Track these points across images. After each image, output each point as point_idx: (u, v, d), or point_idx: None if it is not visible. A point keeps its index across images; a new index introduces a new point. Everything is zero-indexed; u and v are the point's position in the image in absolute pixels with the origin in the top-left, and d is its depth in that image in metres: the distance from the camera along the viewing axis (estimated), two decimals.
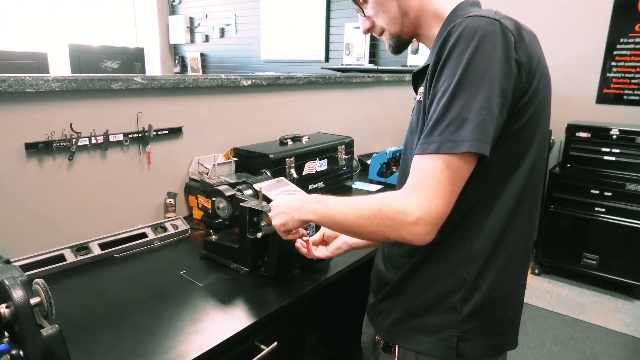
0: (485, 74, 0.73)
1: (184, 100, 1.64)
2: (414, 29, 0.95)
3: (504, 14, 0.78)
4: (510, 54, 0.74)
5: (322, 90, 2.32)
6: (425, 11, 0.92)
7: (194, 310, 1.06)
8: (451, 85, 0.74)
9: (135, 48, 4.96)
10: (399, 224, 0.76)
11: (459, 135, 0.73)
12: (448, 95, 0.74)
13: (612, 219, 2.98)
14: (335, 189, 2.01)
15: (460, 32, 0.75)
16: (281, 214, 1.02)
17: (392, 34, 0.97)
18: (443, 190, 0.74)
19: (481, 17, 0.75)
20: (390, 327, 0.94)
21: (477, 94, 0.73)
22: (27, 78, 1.19)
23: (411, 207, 0.75)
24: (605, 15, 3.23)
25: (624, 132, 2.96)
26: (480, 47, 0.73)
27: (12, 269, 0.84)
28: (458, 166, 0.74)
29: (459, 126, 0.73)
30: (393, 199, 0.78)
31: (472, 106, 0.73)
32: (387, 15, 0.95)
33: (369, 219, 0.81)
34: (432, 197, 0.74)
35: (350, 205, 0.86)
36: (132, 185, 1.52)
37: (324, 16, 4.79)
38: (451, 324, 0.86)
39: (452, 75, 0.74)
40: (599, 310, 2.87)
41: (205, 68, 6.02)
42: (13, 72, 1.35)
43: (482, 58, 0.73)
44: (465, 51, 0.74)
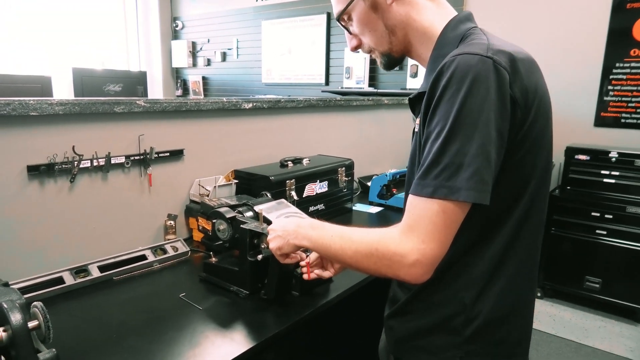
0: (479, 117, 0.72)
1: (186, 123, 1.65)
2: (404, 46, 0.94)
3: (497, 46, 0.76)
4: (504, 92, 0.73)
5: (323, 113, 2.34)
6: (413, 29, 0.91)
7: (193, 334, 1.04)
8: (445, 128, 0.73)
9: (138, 72, 5.02)
10: (395, 265, 0.78)
11: (455, 182, 0.72)
12: (442, 138, 0.73)
13: (614, 242, 2.96)
14: (335, 211, 2.01)
15: (452, 72, 0.74)
16: (277, 238, 1.03)
17: (382, 52, 0.95)
18: (439, 234, 0.75)
19: (473, 55, 0.73)
20: (397, 343, 0.96)
21: (471, 139, 0.72)
22: (31, 101, 1.20)
23: (407, 250, 0.76)
24: (600, 40, 3.29)
25: (623, 154, 2.98)
26: (474, 89, 0.72)
27: (10, 292, 0.83)
28: (453, 211, 0.74)
29: (453, 172, 0.73)
30: (389, 239, 0.79)
31: (467, 152, 0.72)
32: (375, 35, 0.93)
33: (365, 257, 0.82)
34: (428, 241, 0.75)
35: (347, 239, 0.87)
36: (132, 207, 1.52)
37: (324, 40, 4.87)
38: (454, 345, 0.87)
39: (446, 118, 0.73)
40: (603, 335, 2.83)
41: (206, 91, 6.10)
42: (17, 95, 1.37)
43: (475, 101, 0.72)
44: (457, 93, 0.72)
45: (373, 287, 1.42)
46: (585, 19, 3.35)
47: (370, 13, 0.91)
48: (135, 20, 6.21)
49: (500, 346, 0.88)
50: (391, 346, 0.99)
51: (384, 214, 2.08)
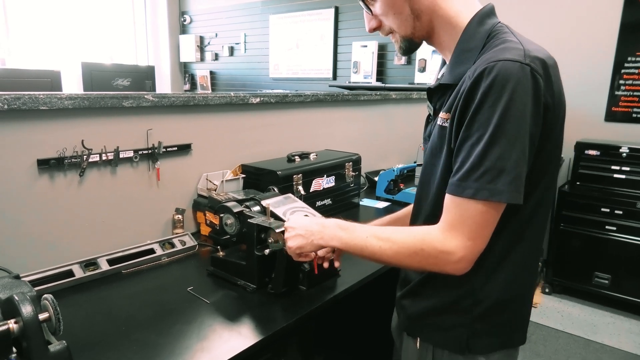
0: (520, 124, 0.76)
1: (194, 117, 1.66)
2: (426, 32, 0.94)
3: (532, 52, 0.78)
4: (539, 99, 0.77)
5: (330, 107, 2.33)
6: (439, 16, 0.90)
7: (201, 328, 1.05)
8: (487, 133, 0.76)
9: (146, 66, 5.04)
10: (442, 262, 0.83)
11: (497, 185, 0.77)
12: (484, 143, 0.77)
13: (624, 238, 2.93)
14: (342, 206, 2.01)
15: (494, 78, 0.76)
16: (298, 237, 1.01)
17: (403, 35, 0.94)
18: (482, 231, 0.81)
19: (512, 62, 0.76)
20: (409, 321, 1.02)
21: (513, 146, 0.76)
22: (41, 96, 1.21)
23: (453, 248, 0.81)
24: (612, 34, 3.24)
25: (634, 150, 2.94)
26: (515, 96, 0.75)
27: (21, 285, 0.84)
28: (495, 210, 0.80)
29: (495, 176, 0.77)
30: (434, 239, 0.83)
31: (509, 157, 0.76)
32: (399, 17, 0.92)
33: (409, 256, 0.86)
34: (473, 239, 0.80)
35: (386, 240, 0.89)
36: (141, 201, 1.53)
37: (332, 35, 4.85)
38: (462, 324, 0.93)
39: (488, 124, 0.76)
40: (612, 331, 2.81)
41: (214, 86, 6.10)
42: (27, 89, 1.38)
43: (516, 108, 0.75)
44: (499, 100, 0.75)
45: (379, 281, 1.42)
46: (597, 13, 3.30)
47: None
48: (144, 15, 6.22)
49: (505, 327, 0.95)
50: (403, 324, 1.05)
51: (391, 209, 2.08)
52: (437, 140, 0.91)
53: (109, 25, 5.87)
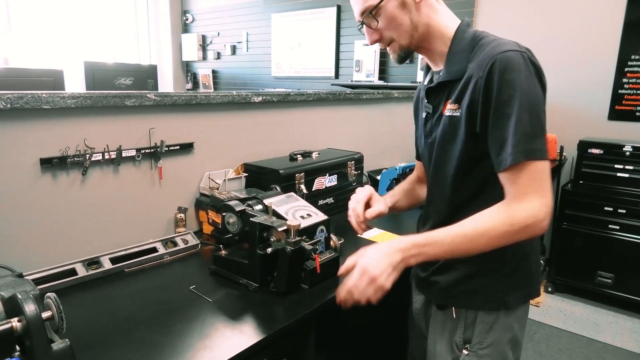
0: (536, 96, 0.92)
1: (196, 116, 1.66)
2: (421, 41, 1.07)
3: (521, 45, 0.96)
4: (541, 78, 0.95)
5: (332, 106, 2.33)
6: (432, 27, 1.06)
7: (203, 326, 1.05)
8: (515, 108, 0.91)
9: (149, 65, 5.05)
10: (531, 227, 0.91)
11: (539, 145, 0.91)
12: (516, 117, 0.91)
13: (627, 237, 2.92)
14: (344, 205, 2.01)
15: (505, 66, 0.92)
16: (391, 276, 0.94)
17: (402, 45, 1.07)
18: (547, 186, 0.92)
19: (514, 52, 0.93)
20: (442, 292, 1.12)
21: (539, 112, 0.92)
22: (43, 95, 1.21)
23: (536, 210, 0.90)
24: (616, 33, 3.23)
25: (637, 148, 2.93)
26: (525, 76, 0.92)
27: (24, 283, 0.84)
28: (546, 166, 0.92)
29: (535, 138, 0.91)
30: (517, 212, 0.91)
31: (539, 122, 0.92)
32: (400, 28, 1.05)
33: (502, 237, 0.93)
34: (545, 194, 0.91)
35: (472, 234, 0.94)
36: (143, 200, 1.53)
37: (334, 33, 4.85)
38: (495, 282, 1.06)
39: (511, 101, 0.91)
40: (615, 330, 2.81)
41: (216, 85, 6.10)
42: (30, 89, 1.38)
43: (529, 84, 0.92)
44: (514, 81, 0.91)
45: None
46: (600, 12, 3.28)
47: (399, 10, 1.04)
48: (146, 14, 6.23)
49: (526, 279, 1.08)
50: (435, 297, 1.16)
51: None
52: (447, 128, 1.05)
53: (112, 24, 5.88)
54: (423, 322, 1.26)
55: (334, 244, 1.43)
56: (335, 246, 1.43)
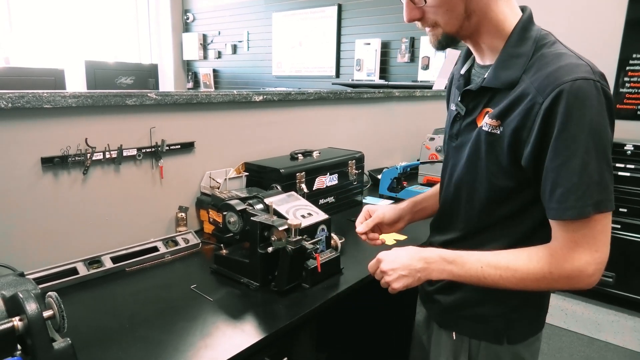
0: (603, 138, 0.80)
1: (197, 115, 1.66)
2: (472, 32, 0.94)
3: (596, 68, 0.82)
4: (612, 114, 0.83)
5: (333, 105, 2.33)
6: (488, 19, 0.91)
7: (204, 325, 1.05)
8: (579, 151, 0.79)
9: (149, 64, 5.06)
10: (575, 280, 0.84)
11: (601, 197, 0.80)
12: (580, 162, 0.79)
13: (628, 236, 2.92)
14: (345, 204, 2.01)
15: (574, 98, 0.78)
16: (403, 278, 0.95)
17: (447, 32, 0.93)
18: (604, 239, 0.83)
19: (587, 81, 0.79)
20: (443, 314, 1.07)
21: (604, 159, 0.80)
22: (44, 94, 1.21)
23: (584, 264, 0.82)
24: (617, 31, 3.22)
25: (638, 147, 2.92)
26: (595, 113, 0.79)
27: (26, 282, 0.85)
28: (605, 217, 0.82)
29: (596, 189, 0.80)
30: (561, 261, 0.84)
31: (603, 169, 0.80)
32: (450, 14, 0.91)
33: (537, 281, 0.86)
34: (598, 248, 0.82)
35: (504, 269, 0.88)
36: (144, 199, 1.53)
37: (335, 32, 4.84)
38: (499, 314, 0.98)
39: (578, 141, 0.79)
40: (616, 329, 2.80)
41: (217, 84, 6.11)
42: (31, 88, 1.38)
43: (599, 123, 0.79)
44: (583, 117, 0.78)
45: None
46: (601, 10, 3.28)
47: None
48: (147, 13, 6.23)
49: (535, 313, 1.02)
50: (437, 317, 1.10)
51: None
52: (482, 145, 0.92)
53: (113, 23, 5.88)
54: (425, 336, 1.19)
55: (335, 243, 1.43)
56: (336, 245, 1.43)
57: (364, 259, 1.46)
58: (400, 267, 0.95)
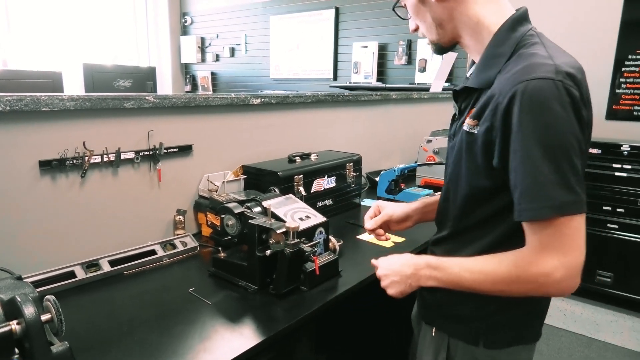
0: (564, 137, 0.77)
1: (195, 118, 1.66)
2: (452, 38, 0.97)
3: (563, 67, 0.79)
4: (578, 110, 0.79)
5: (331, 108, 2.33)
6: (462, 23, 0.93)
7: (203, 328, 1.05)
8: (535, 152, 0.77)
9: (147, 67, 5.05)
10: (543, 286, 0.81)
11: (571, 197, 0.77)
12: (534, 163, 0.77)
13: (626, 236, 2.93)
14: (343, 206, 2.01)
15: (529, 98, 0.77)
16: (395, 284, 1.00)
17: (432, 40, 1.00)
18: (574, 242, 0.78)
19: (545, 80, 0.77)
20: (426, 310, 1.08)
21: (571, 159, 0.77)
22: (42, 97, 1.21)
23: (551, 268, 0.79)
24: (613, 32, 3.24)
25: (635, 148, 2.94)
26: (553, 113, 0.76)
27: (23, 286, 0.85)
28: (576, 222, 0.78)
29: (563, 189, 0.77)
30: (531, 265, 0.81)
31: (562, 169, 0.77)
32: (425, 25, 0.98)
33: (508, 285, 0.85)
34: (567, 252, 0.78)
35: (478, 272, 0.88)
36: (142, 202, 1.53)
37: (332, 35, 4.85)
38: (478, 316, 0.97)
39: (533, 143, 0.77)
40: (614, 329, 2.81)
41: (215, 87, 6.11)
42: (28, 90, 1.38)
43: (559, 123, 0.77)
44: (538, 119, 0.77)
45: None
46: (597, 11, 3.29)
47: (419, 6, 0.96)
48: (145, 16, 6.23)
49: (521, 321, 0.98)
50: (420, 312, 1.12)
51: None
52: (463, 144, 0.93)
53: (111, 26, 5.89)
54: (417, 330, 1.21)
55: (333, 245, 1.43)
56: (334, 248, 1.43)
57: (362, 261, 1.46)
58: (391, 273, 1.01)
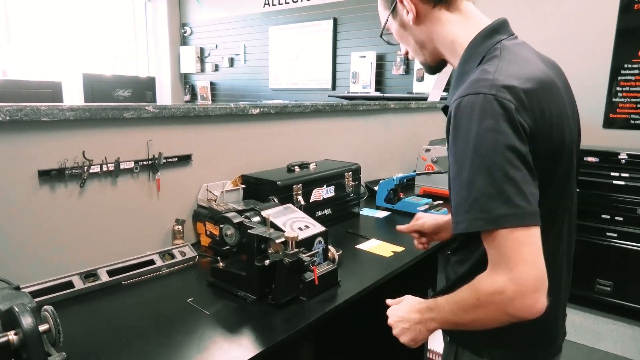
0: (495, 149, 0.75)
1: (194, 128, 1.67)
2: (437, 56, 1.00)
3: (501, 81, 0.78)
4: (513, 121, 0.76)
5: (329, 117, 2.35)
6: (440, 43, 0.96)
7: (201, 339, 1.05)
8: (465, 165, 0.77)
9: (147, 77, 5.08)
10: (502, 305, 0.76)
11: (505, 209, 0.74)
12: (467, 177, 0.77)
13: (625, 244, 2.93)
14: (342, 216, 2.01)
15: (461, 114, 0.78)
16: (406, 331, 0.97)
17: (420, 61, 1.04)
18: (518, 256, 0.74)
19: (475, 96, 0.77)
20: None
21: (506, 171, 0.74)
22: (42, 107, 1.22)
23: (501, 285, 0.75)
24: (608, 41, 3.27)
25: (632, 156, 2.95)
26: (482, 126, 0.75)
27: (21, 296, 0.84)
28: (517, 235, 0.74)
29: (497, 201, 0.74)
30: (484, 283, 0.79)
31: (508, 180, 0.74)
32: (409, 47, 1.03)
33: (475, 311, 0.80)
34: (513, 267, 0.74)
35: (453, 303, 0.85)
36: (141, 212, 1.53)
37: (331, 46, 4.89)
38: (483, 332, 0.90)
39: (464, 156, 0.77)
40: (615, 338, 2.80)
41: (214, 97, 6.14)
42: (28, 100, 1.39)
43: (489, 136, 0.75)
44: (468, 133, 0.77)
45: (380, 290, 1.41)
46: (593, 20, 3.32)
47: (401, 30, 1.01)
48: (145, 27, 6.28)
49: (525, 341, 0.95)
50: None
51: (391, 218, 2.08)
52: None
53: (110, 36, 5.92)
54: None
55: (332, 255, 1.43)
56: (333, 258, 1.43)
57: (362, 271, 1.46)
58: (400, 320, 0.97)
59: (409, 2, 0.93)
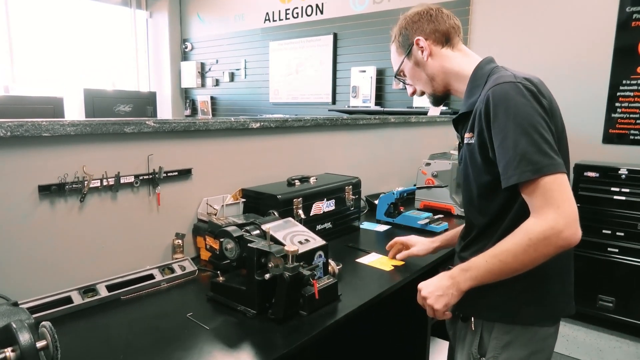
0: (529, 117, 1.00)
1: (194, 142, 1.67)
2: (444, 86, 1.27)
3: (520, 75, 1.07)
4: (537, 97, 1.03)
5: (329, 132, 2.35)
6: (448, 74, 1.25)
7: (200, 355, 1.04)
8: (509, 132, 1.00)
9: (148, 92, 5.11)
10: (553, 239, 0.95)
11: (546, 160, 0.97)
12: (511, 140, 1.00)
13: (626, 260, 2.91)
14: (343, 230, 2.01)
15: (498, 96, 1.04)
16: (440, 298, 1.09)
17: (429, 93, 1.31)
18: (561, 196, 0.96)
19: (506, 83, 1.04)
20: (464, 302, 1.12)
21: (541, 132, 0.99)
22: (44, 123, 1.22)
23: (552, 221, 0.95)
24: (606, 58, 3.30)
25: (632, 171, 2.95)
26: (516, 101, 1.02)
27: (19, 312, 0.84)
28: (555, 179, 0.97)
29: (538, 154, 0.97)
30: (533, 225, 0.98)
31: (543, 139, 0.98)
32: (421, 82, 1.30)
33: (526, 253, 0.98)
34: (559, 204, 0.95)
35: (500, 253, 1.02)
36: (141, 226, 1.53)
37: (331, 60, 4.93)
38: (510, 297, 1.12)
39: (506, 126, 1.01)
40: (618, 355, 2.76)
41: (215, 111, 6.17)
42: (29, 116, 1.40)
43: (521, 108, 1.01)
44: (507, 108, 1.02)
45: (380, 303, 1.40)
46: (590, 38, 3.36)
47: (415, 68, 1.29)
48: (146, 42, 6.34)
49: (547, 297, 1.13)
50: (456, 310, 1.21)
51: (392, 232, 2.07)
52: (466, 154, 1.17)
53: (112, 52, 5.98)
54: (451, 332, 1.36)
55: (333, 269, 1.42)
56: (333, 272, 1.42)
57: (362, 285, 1.45)
58: (434, 289, 1.11)
59: (426, 44, 1.24)
